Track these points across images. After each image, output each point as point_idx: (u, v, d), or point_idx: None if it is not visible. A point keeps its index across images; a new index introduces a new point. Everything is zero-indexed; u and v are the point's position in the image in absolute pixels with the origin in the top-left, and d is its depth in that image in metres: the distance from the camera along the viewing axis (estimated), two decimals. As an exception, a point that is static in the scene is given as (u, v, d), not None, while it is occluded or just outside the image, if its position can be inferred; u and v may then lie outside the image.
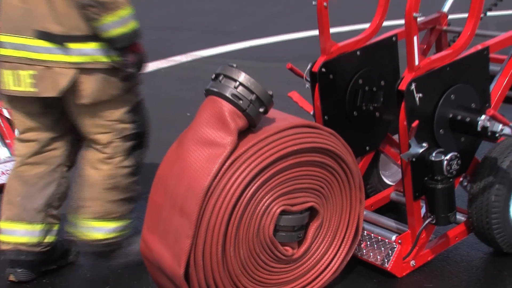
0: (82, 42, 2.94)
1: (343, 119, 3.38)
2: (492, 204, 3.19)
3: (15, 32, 2.96)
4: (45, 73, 2.93)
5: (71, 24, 2.90)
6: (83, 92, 2.96)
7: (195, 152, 2.64)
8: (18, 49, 2.97)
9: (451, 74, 3.05)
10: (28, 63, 2.94)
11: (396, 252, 3.14)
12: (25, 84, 2.95)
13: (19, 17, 2.95)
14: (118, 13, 2.90)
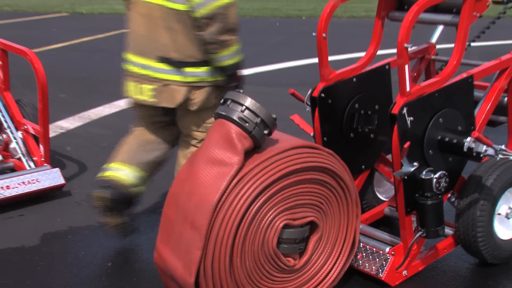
0: (194, 67, 3.37)
1: (340, 140, 3.38)
2: (477, 219, 3.19)
3: (140, 54, 3.45)
4: (163, 88, 3.38)
5: (187, 53, 3.34)
6: (193, 102, 3.40)
7: (204, 170, 2.64)
8: (142, 67, 3.45)
9: (439, 100, 3.05)
10: (149, 80, 3.41)
11: (389, 262, 3.13)
12: (146, 95, 3.44)
13: (144, 43, 3.42)
14: (231, 49, 3.41)
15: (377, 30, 3.50)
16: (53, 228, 3.96)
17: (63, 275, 3.40)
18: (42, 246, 3.74)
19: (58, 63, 9.52)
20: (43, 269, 3.48)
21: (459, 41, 3.09)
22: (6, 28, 13.32)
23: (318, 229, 2.86)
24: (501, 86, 3.38)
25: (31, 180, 4.29)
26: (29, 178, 4.29)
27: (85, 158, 5.26)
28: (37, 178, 4.32)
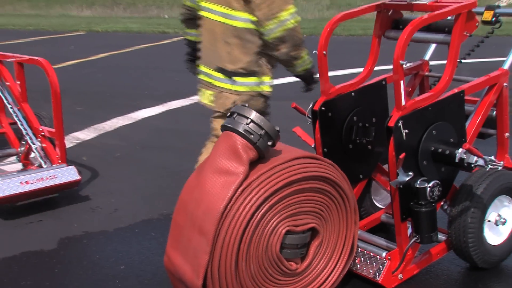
0: (244, 77, 3.48)
1: (340, 151, 3.38)
2: (469, 225, 3.18)
3: (205, 64, 3.66)
4: (219, 95, 3.56)
5: (239, 64, 3.46)
6: None
7: (212, 179, 2.63)
8: (206, 75, 3.64)
9: (432, 113, 3.05)
10: (211, 86, 3.61)
11: (386, 266, 3.12)
12: (208, 100, 3.66)
13: (208, 54, 3.62)
14: (301, 59, 3.54)
15: (374, 48, 3.51)
16: (69, 233, 3.96)
17: (79, 277, 3.41)
18: (60, 250, 3.74)
19: (75, 78, 9.56)
20: (60, 271, 3.48)
21: (450, 59, 3.10)
22: (28, 46, 13.42)
23: (319, 235, 2.85)
24: (490, 101, 3.37)
25: (48, 176, 4.34)
26: (46, 175, 4.33)
27: (100, 167, 5.27)
28: (54, 174, 4.37)
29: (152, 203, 4.43)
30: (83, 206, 4.43)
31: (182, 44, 4.95)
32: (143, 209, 4.33)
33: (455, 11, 3.07)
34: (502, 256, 3.42)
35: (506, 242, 3.42)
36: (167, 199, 4.40)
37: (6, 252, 3.71)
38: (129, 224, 4.10)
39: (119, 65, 11.03)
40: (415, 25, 2.89)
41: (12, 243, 3.84)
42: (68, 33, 16.80)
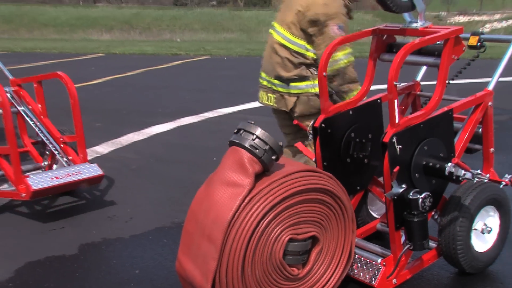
0: (298, 82, 3.91)
1: (338, 165, 3.35)
2: (457, 234, 3.17)
3: (266, 73, 4.10)
4: (280, 97, 4.01)
5: (292, 73, 3.90)
6: (296, 109, 3.97)
7: (220, 191, 2.63)
8: (267, 82, 4.08)
9: (424, 130, 3.04)
10: (272, 91, 4.05)
11: (381, 272, 3.10)
12: (272, 102, 4.10)
13: (268, 64, 4.06)
14: (352, 93, 3.86)
15: (370, 69, 3.50)
16: (89, 240, 3.95)
17: (97, 280, 3.39)
18: (80, 255, 3.73)
19: (95, 96, 9.60)
20: (81, 275, 3.47)
21: (440, 80, 3.09)
22: (53, 67, 13.48)
23: (319, 243, 2.83)
24: (477, 119, 3.37)
25: (74, 172, 4.41)
26: (73, 171, 4.40)
27: (117, 178, 5.27)
28: (79, 170, 4.44)
29: (165, 212, 4.42)
30: (101, 214, 4.43)
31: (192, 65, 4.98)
32: (156, 218, 4.32)
33: (444, 37, 3.07)
34: (488, 262, 3.40)
35: (492, 249, 3.40)
36: (179, 209, 4.40)
37: (32, 256, 3.71)
38: (143, 231, 4.09)
39: (134, 84, 11.06)
40: (408, 49, 2.89)
41: (37, 248, 3.83)
42: (89, 56, 16.89)
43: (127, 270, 3.52)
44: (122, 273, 3.48)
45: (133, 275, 3.45)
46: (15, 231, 4.13)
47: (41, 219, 4.33)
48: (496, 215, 3.41)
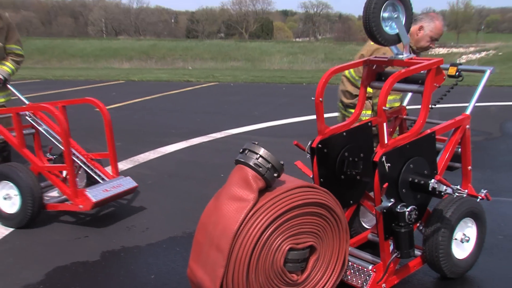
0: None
1: (334, 181, 3.34)
2: (440, 243, 3.17)
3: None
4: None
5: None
6: None
7: (227, 205, 2.61)
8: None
9: (410, 150, 3.03)
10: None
11: (372, 277, 3.08)
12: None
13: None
14: None
15: (361, 95, 3.49)
16: (110, 247, 3.93)
17: (117, 284, 3.37)
18: (102, 261, 3.71)
19: (116, 118, 9.58)
20: (102, 279, 3.45)
21: (424, 105, 3.09)
22: (79, 92, 13.59)
23: (316, 251, 2.81)
24: (456, 140, 3.37)
25: (117, 185, 4.48)
26: (116, 184, 4.47)
27: (134, 192, 5.25)
28: (120, 183, 4.51)
29: (177, 223, 4.40)
30: (121, 224, 4.41)
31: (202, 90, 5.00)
32: (170, 228, 4.30)
33: (426, 67, 3.08)
34: (466, 268, 3.40)
35: (470, 256, 3.41)
36: (190, 220, 4.38)
37: (59, 262, 3.69)
38: (158, 240, 4.06)
39: (151, 108, 11.09)
40: (395, 77, 2.89)
41: (64, 254, 3.81)
42: (111, 82, 16.96)
43: (143, 275, 3.50)
44: (139, 278, 3.46)
45: (149, 280, 3.43)
46: (45, 239, 4.11)
47: (67, 229, 4.31)
48: (474, 226, 3.42)
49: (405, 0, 3.19)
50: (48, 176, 4.44)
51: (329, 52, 44.90)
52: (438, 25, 4.22)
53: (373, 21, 3.09)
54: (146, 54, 43.19)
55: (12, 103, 5.13)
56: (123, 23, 74.39)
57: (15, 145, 4.51)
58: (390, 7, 3.15)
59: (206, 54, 43.91)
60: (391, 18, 3.17)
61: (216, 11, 79.27)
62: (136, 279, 3.45)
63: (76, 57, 46.25)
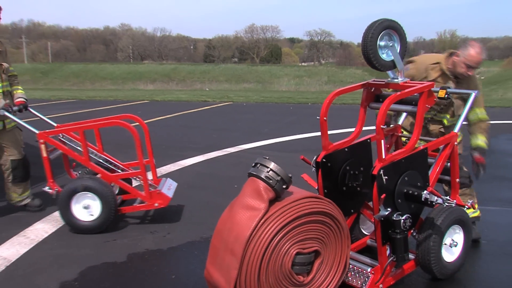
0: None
1: (336, 192, 3.33)
2: (431, 248, 3.18)
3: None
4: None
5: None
6: None
7: (240, 213, 2.61)
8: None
9: (405, 164, 3.03)
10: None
11: (370, 279, 3.07)
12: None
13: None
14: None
15: (361, 115, 3.50)
16: (135, 250, 3.93)
17: (142, 282, 3.37)
18: (128, 262, 3.71)
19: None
20: (128, 278, 3.45)
21: (417, 124, 3.10)
22: (109, 111, 13.68)
23: (320, 255, 2.80)
24: (446, 155, 3.38)
25: (170, 185, 4.78)
26: (168, 184, 4.78)
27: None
28: (170, 183, 4.82)
29: (195, 229, 4.40)
30: (145, 230, 4.41)
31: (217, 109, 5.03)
32: (189, 234, 4.29)
33: (419, 90, 3.09)
34: (454, 270, 3.41)
35: (457, 259, 3.43)
36: (207, 227, 4.37)
37: (91, 262, 3.71)
38: (178, 244, 4.06)
39: (172, 125, 11.13)
40: (392, 99, 2.91)
41: (95, 256, 3.83)
42: (137, 102, 17.08)
43: (165, 275, 3.49)
44: (161, 278, 3.45)
45: (170, 280, 3.42)
46: (79, 242, 4.13)
47: (98, 233, 4.32)
48: (461, 232, 3.42)
49: (400, 31, 3.27)
50: (120, 184, 4.52)
51: (331, 75, 44.91)
52: (472, 53, 3.84)
53: (371, 48, 3.15)
54: (168, 77, 43.44)
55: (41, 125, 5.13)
56: (148, 49, 74.97)
57: (81, 160, 4.44)
58: (386, 36, 3.23)
59: (221, 76, 44.09)
60: (387, 46, 3.24)
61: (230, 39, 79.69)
62: (158, 278, 3.45)
63: (107, 80, 46.64)
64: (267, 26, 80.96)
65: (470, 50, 3.87)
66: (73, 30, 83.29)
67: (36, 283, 3.40)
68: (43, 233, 4.32)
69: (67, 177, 4.91)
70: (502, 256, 3.80)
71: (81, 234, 4.27)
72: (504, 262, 3.71)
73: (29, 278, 3.48)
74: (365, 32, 3.20)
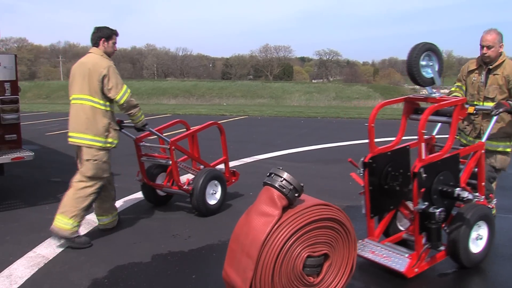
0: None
1: (379, 190, 3.53)
2: (460, 239, 3.37)
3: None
4: None
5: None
6: None
7: (256, 219, 2.61)
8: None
9: (440, 165, 3.31)
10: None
11: (408, 263, 3.31)
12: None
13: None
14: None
15: (402, 125, 3.81)
16: (158, 251, 3.95)
17: (165, 280, 3.39)
18: (152, 262, 3.74)
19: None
20: (153, 277, 3.47)
21: (451, 133, 3.45)
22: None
23: (329, 258, 2.78)
24: (474, 160, 3.63)
25: None
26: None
27: (178, 206, 5.28)
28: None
29: (214, 233, 4.41)
30: (168, 233, 4.43)
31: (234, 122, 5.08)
32: (208, 237, 4.30)
33: (454, 103, 3.43)
34: (479, 259, 3.57)
35: (482, 251, 3.58)
36: (225, 231, 4.38)
37: (120, 261, 3.75)
38: (198, 247, 4.07)
39: (193, 137, 11.16)
40: (431, 109, 3.26)
41: (123, 256, 3.86)
42: (160, 115, 17.20)
43: (186, 275, 3.50)
44: (182, 277, 3.47)
45: (190, 279, 3.44)
46: (109, 243, 4.17)
47: (126, 235, 4.36)
48: (486, 227, 3.58)
49: (438, 52, 3.66)
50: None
51: (339, 92, 44.79)
52: (482, 35, 3.99)
53: (414, 67, 3.52)
54: (189, 93, 43.70)
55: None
56: (171, 67, 75.55)
57: (194, 158, 5.36)
58: (427, 57, 3.60)
59: (237, 92, 44.24)
60: (427, 65, 3.61)
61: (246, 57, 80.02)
62: (179, 278, 3.46)
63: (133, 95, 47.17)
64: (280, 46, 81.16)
65: (482, 35, 4.05)
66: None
67: (71, 279, 3.45)
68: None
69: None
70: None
71: (111, 236, 4.30)
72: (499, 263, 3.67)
73: (65, 275, 3.52)
74: (409, 53, 3.53)
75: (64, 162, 7.97)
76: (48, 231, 4.06)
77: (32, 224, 4.67)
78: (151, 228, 4.58)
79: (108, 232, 4.42)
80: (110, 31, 4.33)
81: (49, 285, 3.36)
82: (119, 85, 4.23)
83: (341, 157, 7.95)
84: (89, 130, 4.09)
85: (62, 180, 6.51)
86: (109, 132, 4.19)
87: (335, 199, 5.37)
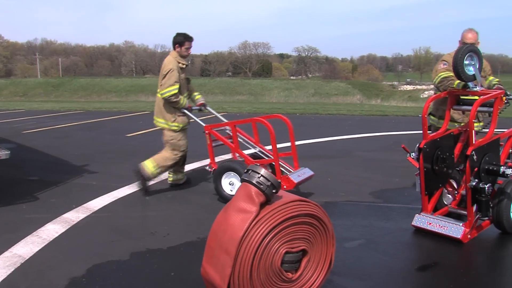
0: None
1: (432, 171, 4.10)
2: (503, 210, 3.95)
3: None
4: None
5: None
6: None
7: (234, 216, 2.60)
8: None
9: (486, 148, 3.92)
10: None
11: (463, 230, 3.88)
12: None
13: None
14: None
15: (447, 115, 4.45)
16: (137, 249, 3.90)
17: (144, 278, 3.35)
18: (131, 260, 3.69)
19: (142, 143, 9.60)
20: (131, 274, 3.43)
21: (493, 120, 4.06)
22: (113, 121, 13.58)
23: (308, 254, 2.78)
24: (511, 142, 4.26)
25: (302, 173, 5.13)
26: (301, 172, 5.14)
27: (157, 204, 5.23)
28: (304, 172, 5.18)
29: (193, 230, 4.38)
30: (146, 231, 4.39)
31: (214, 120, 5.04)
32: (187, 234, 4.27)
33: (495, 96, 4.03)
34: None
35: None
36: (203, 228, 4.36)
37: (98, 260, 3.67)
38: (177, 244, 4.04)
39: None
40: (480, 101, 3.85)
41: (102, 254, 3.79)
42: (139, 113, 17.02)
43: (165, 272, 3.47)
44: (161, 275, 3.43)
45: (169, 276, 3.41)
46: (87, 242, 4.11)
47: (104, 233, 4.30)
48: None
49: (479, 53, 4.22)
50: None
51: (318, 88, 45.05)
52: (464, 34, 4.66)
53: (459, 65, 4.07)
54: (168, 90, 43.36)
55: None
56: (149, 64, 74.92)
57: (233, 148, 5.40)
58: (469, 57, 4.16)
59: (216, 89, 44.09)
60: (470, 64, 4.16)
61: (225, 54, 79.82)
62: (159, 275, 3.42)
63: (112, 93, 46.48)
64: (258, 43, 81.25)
65: (463, 33, 4.68)
66: (81, 47, 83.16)
67: (49, 279, 3.38)
68: (54, 233, 4.28)
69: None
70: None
71: (89, 235, 4.24)
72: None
73: (42, 274, 3.45)
74: (455, 54, 4.10)
75: (41, 160, 7.83)
76: (25, 230, 3.97)
77: (8, 223, 4.56)
78: (129, 226, 4.52)
79: (86, 231, 4.35)
80: (183, 38, 5.40)
81: (26, 285, 3.29)
82: (165, 85, 5.34)
83: (320, 153, 7.97)
84: (160, 116, 5.48)
85: (39, 179, 6.40)
86: (176, 118, 5.48)
87: (314, 195, 5.39)
